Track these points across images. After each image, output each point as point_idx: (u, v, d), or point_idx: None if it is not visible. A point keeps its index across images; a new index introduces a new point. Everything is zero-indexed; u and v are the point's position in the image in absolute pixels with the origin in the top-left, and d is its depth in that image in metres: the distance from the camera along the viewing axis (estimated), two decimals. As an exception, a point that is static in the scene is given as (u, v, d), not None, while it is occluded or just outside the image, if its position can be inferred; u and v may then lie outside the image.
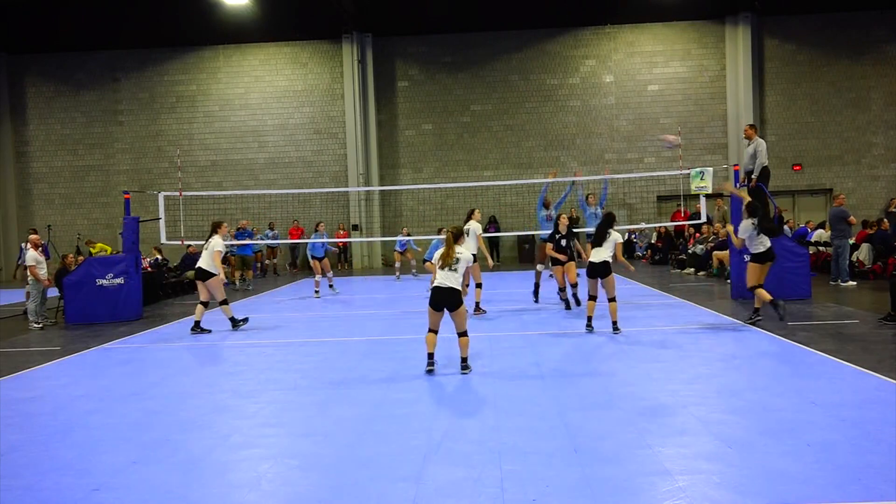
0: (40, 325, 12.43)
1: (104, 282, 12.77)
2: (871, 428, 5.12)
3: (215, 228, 11.37)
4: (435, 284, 7.24)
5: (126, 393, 7.22)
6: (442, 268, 7.25)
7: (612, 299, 9.64)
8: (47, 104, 25.08)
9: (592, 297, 9.81)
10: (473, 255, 11.81)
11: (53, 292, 13.58)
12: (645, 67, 24.01)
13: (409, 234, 19.82)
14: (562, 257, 11.62)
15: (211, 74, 24.73)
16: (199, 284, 11.08)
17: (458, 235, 7.47)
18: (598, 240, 9.70)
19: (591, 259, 9.65)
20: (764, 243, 10.01)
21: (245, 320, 11.34)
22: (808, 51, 23.59)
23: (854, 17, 23.37)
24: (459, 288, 7.20)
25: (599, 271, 9.53)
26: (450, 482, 4.44)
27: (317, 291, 15.57)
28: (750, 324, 9.75)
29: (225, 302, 11.14)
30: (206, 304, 11.11)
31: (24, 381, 8.00)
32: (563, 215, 11.90)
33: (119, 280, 12.79)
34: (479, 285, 11.82)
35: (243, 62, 24.69)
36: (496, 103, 24.26)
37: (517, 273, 19.39)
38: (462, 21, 24.07)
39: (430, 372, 7.22)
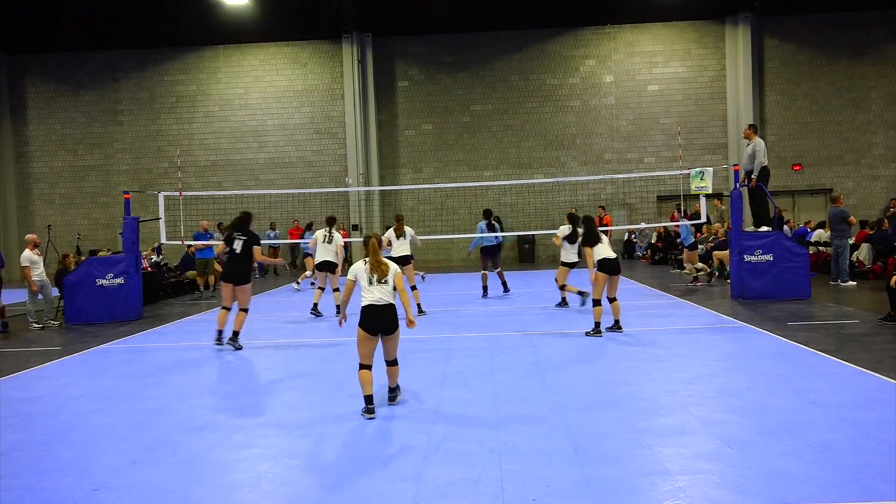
0: (40, 325, 12.43)
1: (104, 282, 12.77)
2: (871, 428, 5.12)
3: (333, 224, 12.48)
4: (366, 303, 5.99)
5: (126, 393, 7.22)
6: (372, 283, 6.06)
7: (615, 298, 9.63)
8: (47, 104, 25.08)
9: (600, 302, 9.38)
10: (410, 255, 12.40)
11: (54, 292, 13.57)
12: (645, 67, 24.01)
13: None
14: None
15: (211, 74, 24.73)
16: (320, 274, 12.45)
17: (380, 243, 6.38)
18: (595, 239, 9.46)
19: (606, 256, 9.27)
20: (572, 254, 11.68)
21: (319, 314, 12.18)
22: (808, 51, 23.60)
23: (854, 17, 23.36)
24: (394, 303, 6.08)
25: (617, 268, 9.40)
26: (450, 482, 4.44)
27: (312, 283, 16.35)
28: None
29: (334, 290, 12.36)
30: (322, 289, 12.42)
31: (24, 381, 8.00)
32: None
33: (119, 280, 12.78)
34: (413, 287, 12.08)
35: (243, 62, 24.69)
36: (496, 103, 24.26)
37: (517, 273, 19.37)
38: (462, 21, 24.07)
39: (370, 417, 5.88)
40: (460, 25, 24.14)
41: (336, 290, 12.33)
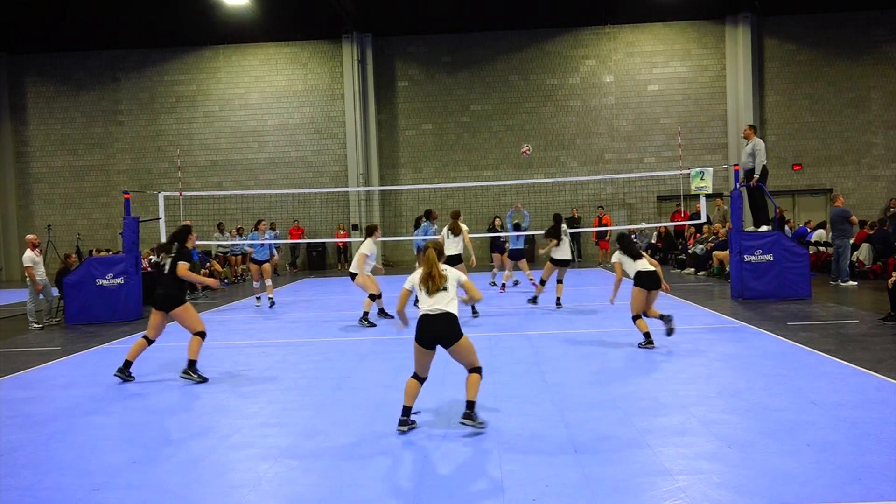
0: (40, 326, 12.43)
1: (104, 282, 12.77)
2: (871, 428, 5.13)
3: (371, 232, 11.51)
4: (423, 312, 5.52)
5: (126, 393, 7.22)
6: (430, 294, 5.54)
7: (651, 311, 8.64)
8: (47, 104, 25.07)
9: (640, 315, 8.54)
10: (460, 255, 11.74)
11: (54, 292, 13.58)
12: (645, 67, 24.00)
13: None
14: None
15: (211, 74, 24.73)
16: None
17: (440, 253, 5.78)
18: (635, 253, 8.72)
19: (641, 269, 8.54)
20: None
21: (373, 324, 11.07)
22: (808, 51, 23.59)
23: (854, 17, 23.36)
24: (455, 312, 5.50)
25: (655, 281, 8.55)
26: (450, 482, 4.44)
27: (258, 298, 14.34)
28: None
29: (372, 297, 11.23)
30: (373, 298, 11.20)
31: (24, 381, 8.00)
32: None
33: (119, 280, 12.79)
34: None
35: (243, 62, 24.68)
36: (496, 103, 24.25)
37: (517, 273, 19.33)
38: (462, 21, 24.06)
39: (402, 431, 5.44)
40: (460, 25, 24.12)
41: (372, 297, 11.23)
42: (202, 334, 7.73)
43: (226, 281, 19.26)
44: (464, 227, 12.18)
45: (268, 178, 24.53)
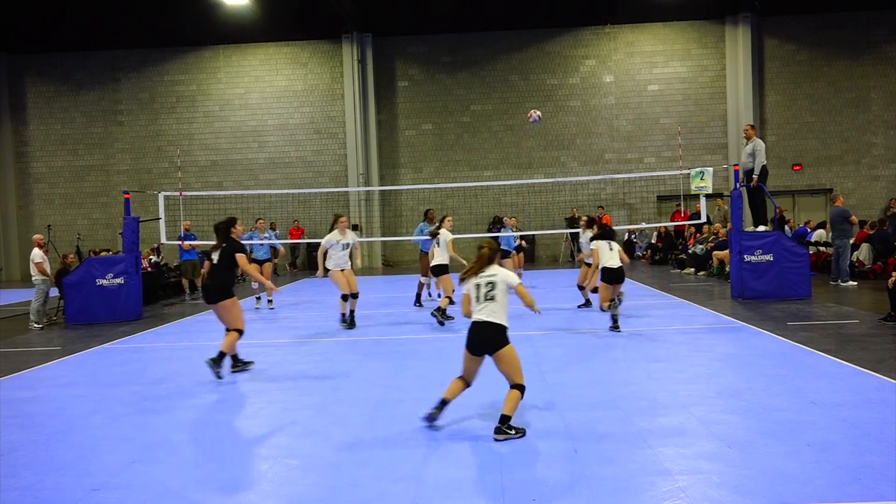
0: (40, 326, 12.43)
1: (104, 282, 12.77)
2: (871, 428, 5.12)
3: (334, 222, 10.83)
4: (473, 319, 5.53)
5: (126, 393, 7.21)
6: (479, 299, 5.52)
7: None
8: (47, 104, 25.08)
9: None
10: (446, 265, 11.23)
11: (54, 292, 13.58)
12: (645, 67, 24.01)
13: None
14: None
15: (211, 74, 24.73)
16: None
17: (494, 253, 5.61)
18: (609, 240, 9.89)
19: (606, 265, 9.63)
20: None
21: (352, 325, 10.73)
22: (808, 51, 23.60)
23: (853, 17, 23.37)
24: (503, 322, 5.50)
25: (619, 277, 9.63)
26: (450, 482, 4.44)
27: (258, 298, 14.05)
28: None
29: (344, 298, 10.75)
30: (345, 298, 10.75)
31: (24, 381, 8.00)
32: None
33: (119, 280, 12.79)
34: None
35: (243, 62, 24.69)
36: (496, 103, 24.26)
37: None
38: (462, 21, 24.06)
39: (430, 418, 5.49)
40: (460, 25, 24.13)
41: (344, 297, 10.79)
42: (240, 332, 7.74)
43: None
44: (449, 234, 11.63)
45: (268, 178, 24.53)
